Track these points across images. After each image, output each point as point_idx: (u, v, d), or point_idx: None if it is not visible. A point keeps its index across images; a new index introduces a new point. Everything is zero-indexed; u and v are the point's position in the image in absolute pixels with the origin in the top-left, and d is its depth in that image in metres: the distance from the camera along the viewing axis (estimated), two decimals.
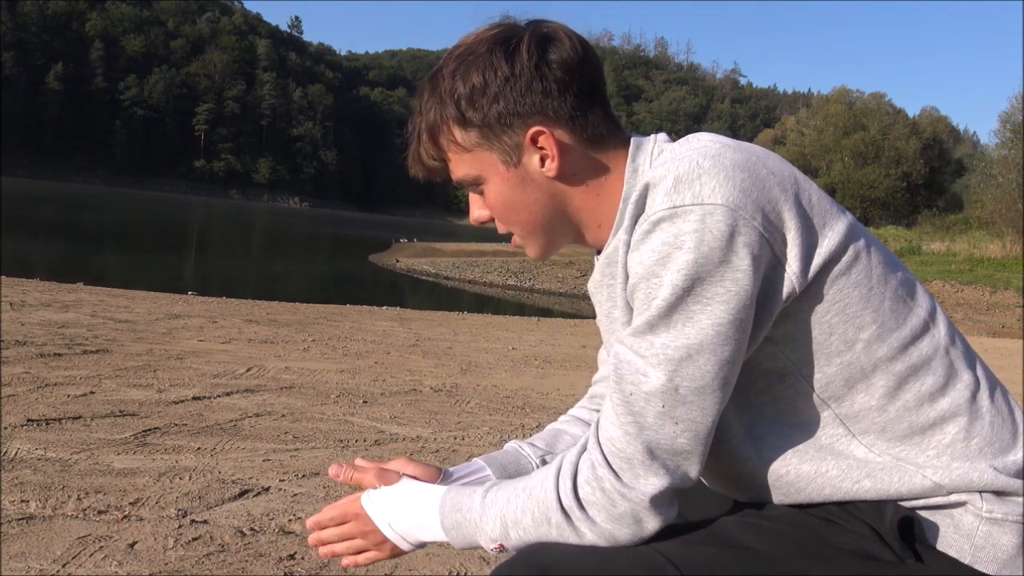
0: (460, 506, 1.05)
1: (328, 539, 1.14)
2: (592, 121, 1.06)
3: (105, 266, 16.96)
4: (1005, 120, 39.78)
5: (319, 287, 19.11)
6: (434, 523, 1.07)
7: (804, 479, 1.01)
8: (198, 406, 4.13)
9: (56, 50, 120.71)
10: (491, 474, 1.19)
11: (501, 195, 1.09)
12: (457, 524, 1.05)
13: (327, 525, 1.14)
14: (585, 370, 6.64)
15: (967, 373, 1.01)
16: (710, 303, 0.91)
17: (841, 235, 0.97)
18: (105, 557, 2.29)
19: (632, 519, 0.94)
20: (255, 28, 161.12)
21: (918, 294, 1.03)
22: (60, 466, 3.02)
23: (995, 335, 17.01)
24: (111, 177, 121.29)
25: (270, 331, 7.46)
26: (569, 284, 22.16)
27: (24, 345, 5.22)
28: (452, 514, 1.05)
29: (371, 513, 1.11)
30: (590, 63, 1.06)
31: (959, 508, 0.98)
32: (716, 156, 0.94)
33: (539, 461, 1.23)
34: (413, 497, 1.09)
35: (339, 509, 1.14)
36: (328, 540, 1.15)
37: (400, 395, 4.98)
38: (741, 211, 0.91)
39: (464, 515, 1.04)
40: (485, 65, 1.04)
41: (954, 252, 29.33)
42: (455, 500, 1.06)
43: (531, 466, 1.22)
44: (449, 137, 1.07)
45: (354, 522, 1.12)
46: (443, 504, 1.06)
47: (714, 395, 0.93)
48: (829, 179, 51.79)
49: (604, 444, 0.96)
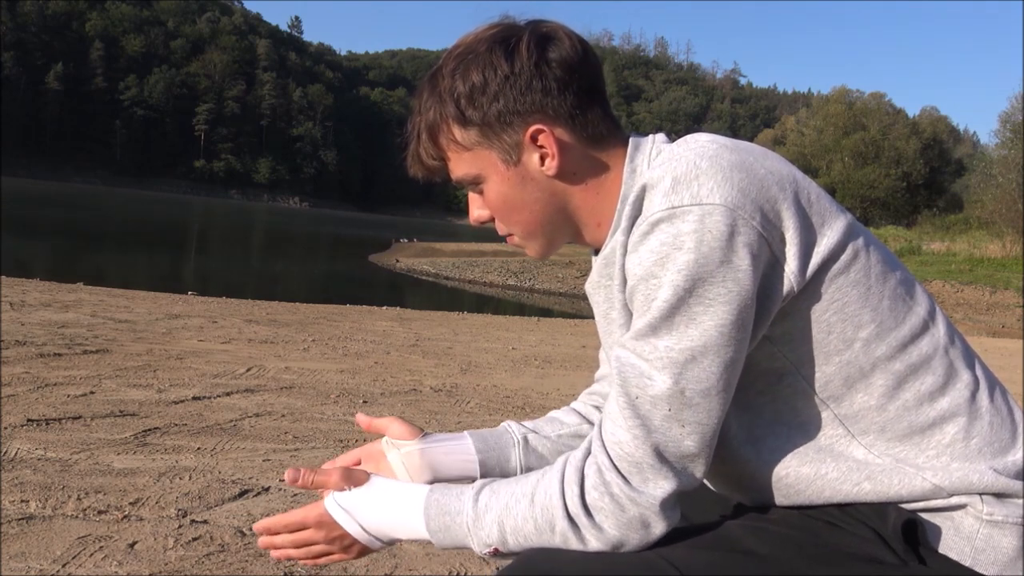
0: (449, 509, 1.03)
1: (281, 544, 1.11)
2: (592, 120, 1.06)
3: (105, 266, 16.95)
4: (1005, 120, 39.82)
5: (319, 287, 19.11)
6: (416, 524, 1.04)
7: (804, 481, 1.00)
8: (198, 406, 4.13)
9: (56, 50, 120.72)
10: (470, 443, 1.21)
11: (501, 194, 1.09)
12: (445, 527, 1.02)
13: (279, 532, 1.10)
14: (585, 370, 6.64)
15: (966, 373, 1.01)
16: (712, 304, 0.91)
17: (840, 234, 0.97)
18: (105, 557, 2.29)
19: (640, 524, 0.94)
20: (255, 28, 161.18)
21: (917, 293, 1.03)
22: (60, 466, 3.02)
23: (995, 335, 17.01)
24: (111, 177, 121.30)
25: (270, 331, 7.46)
26: (569, 284, 22.16)
27: (24, 345, 5.21)
28: (440, 517, 1.03)
29: (339, 519, 1.07)
30: (589, 62, 1.06)
31: (959, 511, 0.98)
32: (714, 156, 0.94)
33: (521, 438, 1.23)
34: (390, 497, 1.07)
35: (298, 516, 1.09)
36: (281, 546, 1.11)
37: (400, 395, 4.98)
38: (740, 211, 0.91)
39: (453, 519, 1.02)
40: (485, 64, 1.04)
41: (954, 252, 29.33)
42: (442, 502, 1.03)
43: (512, 441, 1.23)
44: (449, 136, 1.07)
45: (313, 530, 1.08)
46: (428, 506, 1.04)
47: (719, 396, 0.93)
48: (829, 179, 51.77)
49: (611, 448, 0.95)
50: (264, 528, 1.11)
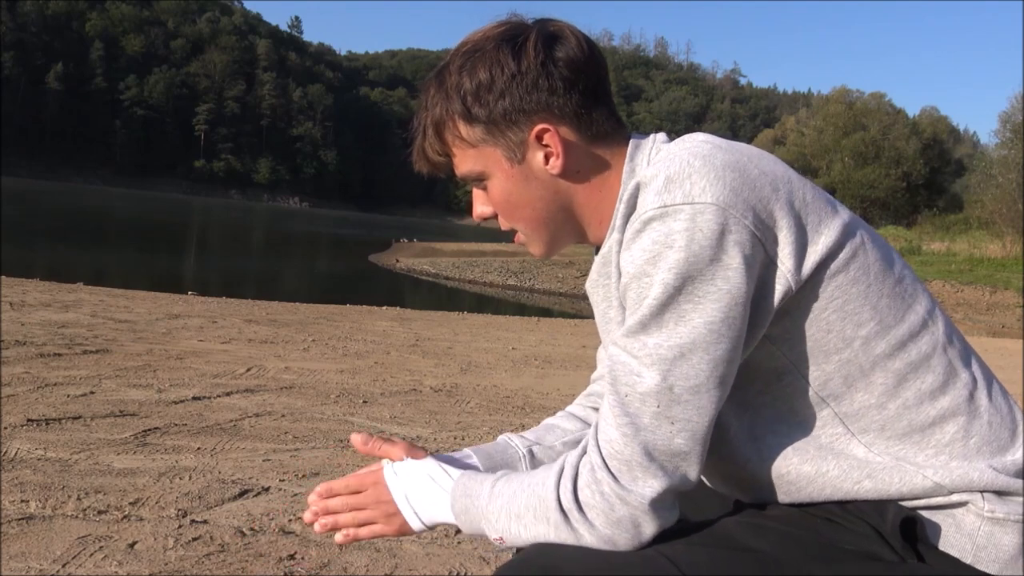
0: (470, 492, 1.05)
1: (334, 508, 1.12)
2: (596, 119, 1.07)
3: (105, 266, 16.95)
4: (1005, 120, 39.78)
5: (319, 287, 19.10)
6: (445, 503, 1.07)
7: (805, 479, 1.00)
8: (198, 406, 4.13)
9: (56, 50, 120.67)
10: (478, 462, 1.19)
11: (505, 191, 1.09)
12: (465, 509, 1.05)
13: (339, 493, 1.12)
14: (585, 370, 6.63)
15: (965, 371, 1.01)
16: (702, 301, 0.91)
17: (837, 233, 0.97)
18: (105, 557, 2.29)
19: (631, 523, 0.94)
20: (255, 28, 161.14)
21: (917, 292, 1.03)
22: (60, 466, 3.02)
23: (995, 335, 17.01)
24: (111, 177, 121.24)
25: (270, 331, 7.46)
26: (569, 284, 22.17)
27: (24, 345, 5.21)
28: (462, 499, 1.05)
29: (391, 483, 1.10)
30: (595, 61, 1.07)
31: (960, 508, 0.98)
32: (707, 156, 0.95)
33: (526, 451, 1.22)
34: (434, 475, 1.09)
35: (357, 478, 1.12)
36: (334, 509, 1.12)
37: (400, 395, 4.98)
38: (732, 210, 0.91)
39: (473, 501, 1.04)
40: (492, 62, 1.04)
41: (954, 252, 29.34)
42: (467, 485, 1.06)
43: (518, 455, 1.21)
44: (454, 132, 1.07)
45: (371, 490, 1.11)
46: (456, 488, 1.06)
47: (709, 394, 0.93)
48: (829, 179, 51.76)
49: (603, 446, 0.95)
50: (327, 489, 1.12)
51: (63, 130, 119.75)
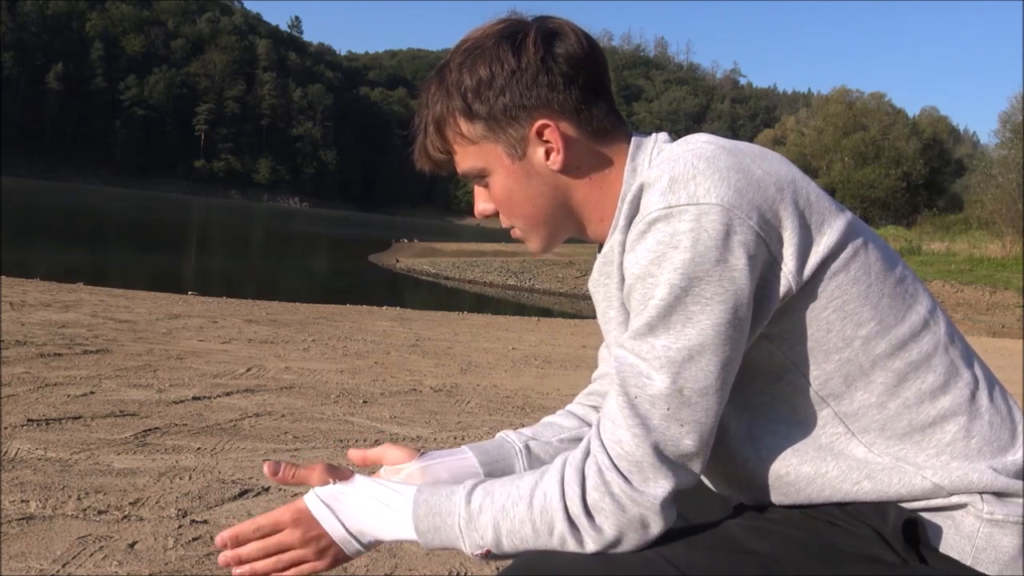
0: (439, 509, 1.01)
1: (248, 556, 1.04)
2: (596, 115, 1.07)
3: (105, 266, 16.95)
4: (1005, 120, 39.82)
5: (319, 287, 19.11)
6: (402, 523, 1.02)
7: (804, 480, 1.00)
8: (198, 406, 4.13)
9: (56, 50, 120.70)
10: (472, 457, 1.18)
11: (506, 188, 1.09)
12: (435, 528, 1.00)
13: (249, 539, 1.04)
14: (585, 370, 6.63)
15: (966, 371, 1.01)
16: (709, 303, 0.91)
17: (839, 233, 0.97)
18: (105, 557, 2.29)
19: (640, 523, 0.93)
20: (255, 28, 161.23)
21: (918, 292, 1.02)
22: (60, 466, 3.02)
23: (995, 335, 17.01)
24: (111, 177, 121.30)
25: (270, 331, 7.46)
26: (569, 284, 22.17)
27: (24, 345, 5.21)
28: (429, 517, 1.01)
29: (319, 515, 1.03)
30: (595, 57, 1.07)
31: (960, 510, 0.98)
32: (711, 157, 0.95)
33: (522, 446, 1.21)
34: (376, 494, 1.04)
35: (269, 518, 1.04)
36: (248, 557, 1.04)
37: (400, 395, 4.98)
38: (736, 210, 0.91)
39: (444, 519, 1.00)
40: (492, 58, 1.04)
41: (954, 252, 29.33)
42: (432, 503, 1.01)
43: (514, 451, 1.21)
44: (455, 129, 1.08)
45: (290, 530, 1.03)
46: (418, 505, 1.02)
47: (717, 395, 0.93)
48: (829, 179, 51.77)
49: (611, 447, 0.94)
50: (231, 536, 1.04)
51: (63, 130, 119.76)
